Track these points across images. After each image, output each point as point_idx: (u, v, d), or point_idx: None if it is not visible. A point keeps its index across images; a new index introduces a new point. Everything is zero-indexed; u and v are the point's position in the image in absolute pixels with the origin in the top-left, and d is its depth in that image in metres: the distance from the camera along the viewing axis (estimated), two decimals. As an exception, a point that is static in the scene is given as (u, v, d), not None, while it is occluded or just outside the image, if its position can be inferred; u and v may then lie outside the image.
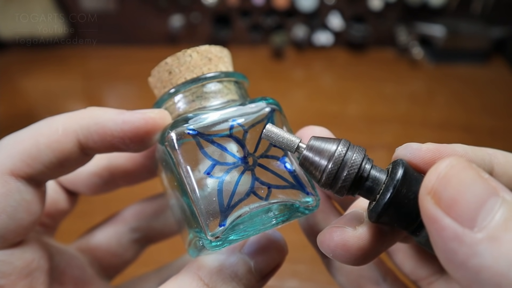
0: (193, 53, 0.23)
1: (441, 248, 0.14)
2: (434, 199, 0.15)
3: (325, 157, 0.18)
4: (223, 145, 0.21)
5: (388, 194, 0.17)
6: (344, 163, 0.18)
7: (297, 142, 0.19)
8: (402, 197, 0.17)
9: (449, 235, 0.14)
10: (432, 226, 0.15)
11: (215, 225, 0.19)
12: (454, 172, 0.15)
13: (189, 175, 0.19)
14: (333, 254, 0.19)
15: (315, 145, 0.19)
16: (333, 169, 0.18)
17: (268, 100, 0.22)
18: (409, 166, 0.18)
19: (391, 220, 0.18)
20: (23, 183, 0.20)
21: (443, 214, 0.14)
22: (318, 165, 0.18)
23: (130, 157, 0.26)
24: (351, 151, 0.18)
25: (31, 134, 0.20)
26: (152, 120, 0.20)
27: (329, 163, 0.18)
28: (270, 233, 0.22)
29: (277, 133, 0.19)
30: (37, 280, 0.22)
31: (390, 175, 0.18)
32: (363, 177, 0.18)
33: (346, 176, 0.18)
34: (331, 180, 0.18)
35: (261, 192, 0.20)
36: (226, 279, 0.20)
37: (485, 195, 0.14)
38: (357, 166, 0.18)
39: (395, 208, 0.17)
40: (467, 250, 0.14)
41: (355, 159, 0.18)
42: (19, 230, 0.20)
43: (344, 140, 0.19)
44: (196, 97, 0.22)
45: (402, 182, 0.17)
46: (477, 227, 0.14)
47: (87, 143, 0.21)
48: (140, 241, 0.29)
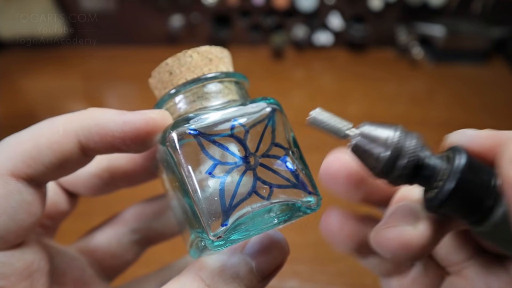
0: (194, 54, 0.23)
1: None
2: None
3: (381, 144, 0.17)
4: (224, 145, 0.21)
5: (453, 182, 0.16)
6: (402, 150, 0.17)
7: (347, 128, 0.18)
8: (468, 184, 0.16)
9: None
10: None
11: (217, 225, 0.19)
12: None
13: (190, 175, 0.19)
14: (392, 254, 0.18)
15: (368, 131, 0.18)
16: (391, 157, 0.17)
17: (269, 100, 0.22)
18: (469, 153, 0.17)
19: (453, 209, 0.17)
20: (24, 184, 0.20)
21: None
22: (372, 152, 0.17)
23: (131, 159, 0.26)
24: (410, 138, 0.17)
25: (32, 135, 0.20)
26: (153, 121, 0.20)
27: (387, 151, 0.17)
28: (272, 233, 0.22)
29: (325, 118, 0.18)
30: (37, 281, 0.21)
31: (453, 162, 0.17)
32: (422, 165, 0.17)
33: (406, 165, 0.17)
34: (388, 168, 0.17)
35: (263, 192, 0.20)
36: (227, 280, 0.20)
37: None
38: (415, 153, 0.17)
39: (460, 196, 0.17)
40: None
41: (415, 146, 0.17)
42: (19, 231, 0.20)
43: (401, 126, 0.18)
44: (197, 98, 0.22)
45: (467, 169, 0.16)
46: None
47: (87, 144, 0.20)
48: (140, 242, 0.29)
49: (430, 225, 0.18)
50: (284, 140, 0.22)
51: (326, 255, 0.51)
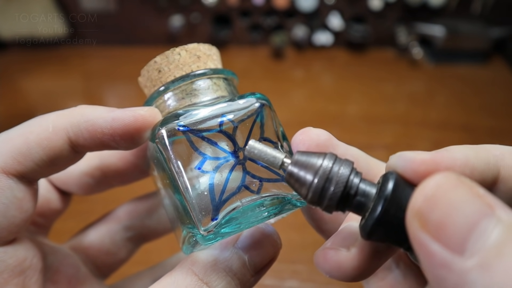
0: (182, 51, 0.23)
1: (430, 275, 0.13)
2: (420, 223, 0.14)
3: (311, 172, 0.17)
4: (213, 141, 0.21)
5: (376, 213, 0.16)
6: (331, 178, 0.17)
7: (281, 157, 0.18)
8: (392, 215, 0.16)
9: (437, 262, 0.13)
10: (419, 251, 0.14)
11: (207, 219, 0.19)
12: (442, 192, 0.13)
13: (180, 171, 0.20)
14: (329, 275, 0.19)
15: (300, 159, 0.18)
16: (319, 185, 0.17)
17: (257, 95, 0.22)
18: (400, 179, 0.17)
19: (383, 238, 0.17)
20: (14, 181, 0.20)
21: (430, 239, 0.13)
22: (303, 181, 0.17)
23: (122, 157, 0.26)
24: (338, 165, 0.17)
25: (22, 132, 0.20)
26: (142, 118, 0.21)
27: (315, 178, 0.17)
28: (264, 227, 0.22)
29: (261, 149, 0.18)
30: (30, 278, 0.22)
31: (379, 190, 0.17)
32: (351, 193, 0.17)
33: (333, 193, 0.17)
34: (317, 196, 0.17)
35: (252, 186, 0.21)
36: (220, 273, 0.20)
37: (478, 216, 0.13)
38: (344, 181, 0.17)
39: (385, 226, 0.16)
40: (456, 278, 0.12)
41: (342, 173, 0.17)
42: (11, 227, 0.20)
43: (331, 154, 0.18)
44: (186, 95, 0.23)
45: (391, 199, 0.16)
46: (468, 252, 0.12)
47: (77, 140, 0.21)
48: (133, 239, 0.29)
49: (363, 249, 0.18)
50: (273, 135, 0.22)
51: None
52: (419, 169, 0.17)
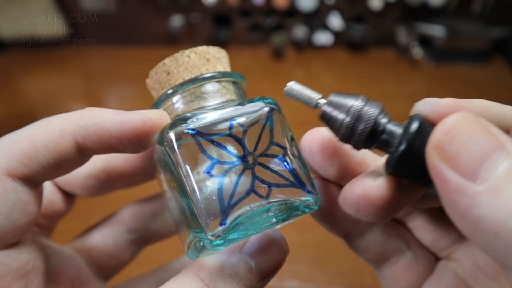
0: (191, 54, 0.23)
1: (445, 200, 0.15)
2: (439, 153, 0.15)
3: (343, 111, 0.19)
4: (222, 145, 0.20)
5: (401, 147, 0.18)
6: (361, 116, 0.19)
7: (317, 98, 0.20)
8: (415, 150, 0.18)
9: (452, 188, 0.14)
10: (437, 179, 0.15)
11: (215, 224, 0.19)
12: (460, 127, 0.15)
13: (188, 175, 0.19)
14: (355, 208, 0.19)
15: (334, 100, 0.20)
16: (350, 122, 0.19)
17: (267, 100, 0.22)
18: (425, 120, 0.18)
19: (406, 172, 0.18)
20: (20, 184, 0.20)
21: (447, 168, 0.15)
22: (336, 119, 0.19)
23: (127, 159, 0.26)
24: (369, 106, 0.19)
25: (28, 134, 0.20)
26: (151, 121, 0.20)
27: (347, 117, 0.19)
28: (271, 233, 0.22)
29: (299, 89, 0.20)
30: (33, 281, 0.21)
31: (405, 129, 0.18)
32: (379, 130, 0.19)
33: (362, 129, 0.19)
34: (348, 133, 0.19)
35: (261, 191, 0.20)
36: (227, 279, 0.20)
37: (490, 149, 0.14)
38: (373, 119, 0.19)
39: (408, 161, 0.18)
40: (468, 201, 0.14)
41: (371, 112, 0.19)
42: (15, 231, 0.20)
43: (363, 96, 0.19)
44: (195, 98, 0.22)
45: (415, 136, 0.18)
46: (479, 179, 0.14)
47: (84, 143, 0.20)
48: (137, 242, 0.29)
49: (389, 180, 0.19)
50: (282, 140, 0.22)
51: (326, 255, 0.51)
52: (443, 111, 0.18)
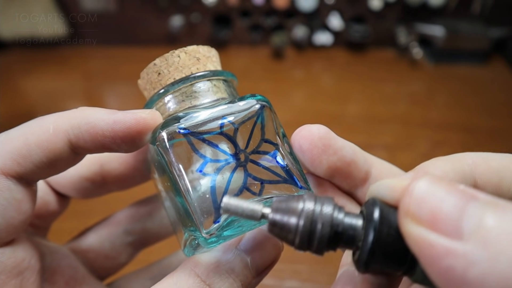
0: (181, 54, 0.23)
1: (437, 270, 0.13)
2: (414, 220, 0.14)
3: (294, 216, 0.17)
4: (214, 143, 0.21)
5: (369, 238, 0.16)
6: (316, 219, 0.17)
7: (260, 209, 0.17)
8: (385, 237, 0.16)
9: (440, 252, 0.13)
10: (420, 249, 0.14)
11: (209, 222, 0.19)
12: (427, 190, 0.14)
13: (181, 174, 0.20)
14: None
15: (280, 206, 0.17)
16: (305, 227, 0.17)
17: (257, 97, 0.22)
18: (383, 204, 0.17)
19: (381, 265, 0.17)
20: (14, 182, 0.20)
21: (428, 231, 0.14)
22: (288, 226, 0.17)
23: (123, 161, 0.26)
24: (319, 204, 0.17)
25: (22, 133, 0.20)
26: (143, 120, 0.20)
27: (300, 221, 0.17)
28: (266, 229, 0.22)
29: (237, 204, 0.17)
30: (28, 279, 0.22)
31: (366, 218, 0.17)
32: (339, 229, 0.17)
33: (321, 233, 0.17)
34: (306, 239, 0.17)
35: (254, 188, 0.21)
36: (223, 275, 0.20)
37: (464, 202, 0.14)
38: (329, 219, 0.17)
39: (381, 251, 0.16)
40: (463, 262, 0.13)
41: (325, 212, 0.17)
42: (9, 229, 0.20)
43: (308, 194, 0.17)
44: (186, 97, 0.23)
45: (381, 222, 0.16)
46: (465, 235, 0.13)
47: (78, 142, 0.21)
48: (134, 244, 0.29)
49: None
50: (273, 136, 0.22)
51: (326, 255, 0.51)
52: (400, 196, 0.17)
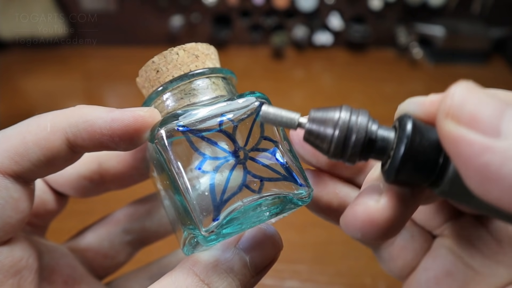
0: (180, 51, 0.23)
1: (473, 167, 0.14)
2: (454, 120, 0.15)
3: (330, 126, 0.17)
4: (213, 140, 0.21)
5: (402, 147, 0.17)
6: (351, 128, 0.17)
7: (297, 117, 0.18)
8: (417, 146, 0.17)
9: (478, 149, 0.14)
10: (458, 147, 0.14)
11: (208, 220, 0.19)
12: (467, 92, 0.15)
13: (180, 171, 0.19)
14: (361, 233, 0.18)
15: (317, 116, 0.18)
16: (340, 136, 0.17)
17: (256, 94, 0.22)
18: (415, 119, 0.17)
19: (410, 174, 0.17)
20: (11, 181, 0.20)
21: (467, 131, 0.14)
22: (324, 136, 0.18)
23: (121, 160, 0.26)
24: (355, 115, 0.17)
25: (19, 131, 0.20)
26: (142, 118, 0.20)
27: (335, 131, 0.17)
28: (265, 228, 0.22)
29: (275, 113, 0.18)
30: (26, 279, 0.21)
31: (399, 129, 0.17)
32: (372, 138, 0.18)
33: (356, 141, 0.17)
34: (340, 148, 0.17)
35: (253, 185, 0.20)
36: (222, 274, 0.20)
37: (502, 106, 0.14)
38: (364, 129, 0.17)
39: (412, 160, 0.17)
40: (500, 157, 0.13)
41: (360, 122, 0.17)
42: (6, 228, 0.20)
43: (346, 106, 0.18)
44: (185, 94, 0.22)
45: (413, 132, 0.17)
46: (503, 134, 0.13)
47: (75, 141, 0.20)
48: (133, 243, 0.29)
49: (392, 197, 0.18)
50: (273, 133, 0.22)
51: (326, 255, 0.51)
52: (430, 110, 0.18)
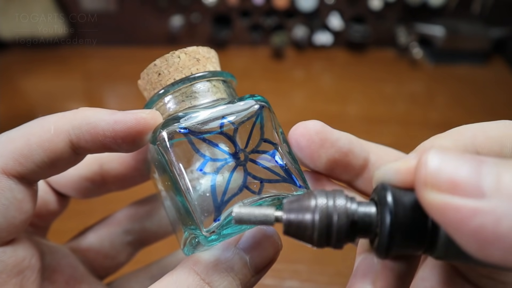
0: (181, 54, 0.23)
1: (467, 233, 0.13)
2: (434, 189, 0.14)
3: (309, 212, 0.17)
4: (214, 142, 0.21)
5: (387, 221, 0.16)
6: (331, 213, 0.17)
7: (272, 212, 0.17)
8: (402, 218, 0.16)
9: (468, 213, 0.13)
10: (445, 215, 0.14)
11: (210, 220, 0.20)
12: (439, 159, 0.15)
13: (182, 173, 0.20)
14: None
15: (292, 206, 0.17)
16: (322, 220, 0.17)
17: (256, 97, 0.23)
18: (393, 187, 0.17)
19: (401, 247, 0.17)
20: (15, 182, 0.20)
21: (450, 196, 0.14)
22: (305, 223, 0.17)
23: (123, 161, 0.26)
24: (331, 198, 0.17)
25: (23, 133, 0.21)
26: (144, 120, 0.21)
27: (315, 215, 0.17)
28: (265, 228, 0.22)
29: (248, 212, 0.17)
30: (28, 278, 0.22)
31: (380, 203, 0.17)
32: (355, 219, 0.17)
33: (338, 225, 0.17)
34: (324, 233, 0.17)
35: (253, 187, 0.21)
36: (222, 273, 0.20)
37: (477, 165, 0.14)
38: (344, 210, 0.17)
39: (400, 232, 0.16)
40: (492, 217, 0.13)
41: (338, 204, 0.17)
42: (10, 228, 0.21)
43: (318, 191, 0.18)
44: (186, 97, 0.23)
45: (395, 204, 0.16)
46: (488, 193, 0.13)
47: (79, 143, 0.21)
48: (133, 243, 0.29)
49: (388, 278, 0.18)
50: (272, 136, 0.22)
51: (326, 255, 0.51)
52: (406, 178, 0.17)
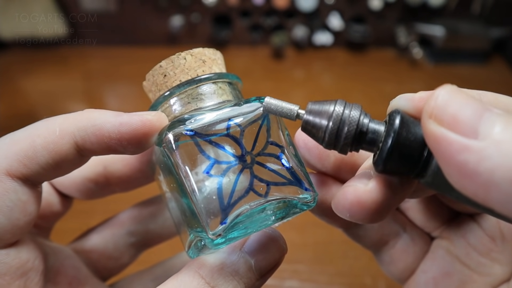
0: (187, 56, 0.23)
1: (453, 164, 0.15)
2: (436, 120, 0.16)
3: (325, 118, 0.19)
4: (221, 145, 0.21)
5: (389, 140, 0.18)
6: (343, 121, 0.19)
7: (296, 109, 0.20)
8: (403, 139, 0.18)
9: (457, 148, 0.15)
10: (440, 146, 0.16)
11: (216, 223, 0.19)
12: (450, 95, 0.16)
13: (188, 175, 0.20)
14: (349, 213, 0.19)
15: (313, 108, 0.20)
16: (333, 128, 0.19)
17: (262, 100, 0.22)
18: (405, 113, 0.19)
19: (396, 165, 0.19)
20: (19, 183, 0.20)
21: (448, 131, 0.15)
22: (319, 126, 0.19)
23: (127, 163, 0.26)
24: (348, 108, 0.19)
25: (28, 134, 0.20)
26: (150, 122, 0.21)
27: (329, 122, 0.19)
28: (270, 231, 0.22)
29: (276, 104, 0.20)
30: (32, 280, 0.22)
31: (388, 123, 0.19)
32: (363, 131, 0.19)
33: (347, 133, 0.19)
34: (333, 138, 0.19)
35: (260, 190, 0.21)
36: (227, 277, 0.20)
37: (481, 110, 0.15)
38: (355, 121, 0.19)
39: (399, 152, 0.18)
40: (476, 156, 0.14)
41: (353, 115, 0.19)
42: (14, 230, 0.20)
43: (341, 100, 0.20)
44: (192, 99, 0.23)
45: (401, 126, 0.18)
46: (481, 135, 0.15)
47: (84, 145, 0.21)
48: (137, 245, 0.29)
49: (380, 182, 0.19)
50: (279, 138, 0.22)
51: (326, 255, 0.51)
52: (419, 105, 0.19)
